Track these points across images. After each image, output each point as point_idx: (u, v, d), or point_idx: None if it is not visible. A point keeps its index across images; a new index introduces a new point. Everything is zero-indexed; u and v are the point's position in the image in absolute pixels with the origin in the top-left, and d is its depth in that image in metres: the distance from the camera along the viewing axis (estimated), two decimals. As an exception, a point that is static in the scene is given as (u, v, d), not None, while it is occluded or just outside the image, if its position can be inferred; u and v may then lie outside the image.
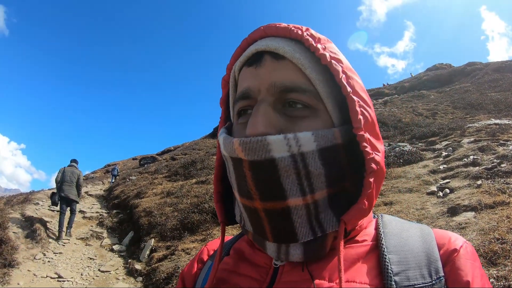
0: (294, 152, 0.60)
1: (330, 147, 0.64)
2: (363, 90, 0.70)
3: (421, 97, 24.91)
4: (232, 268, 0.77)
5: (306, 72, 0.66)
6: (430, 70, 39.69)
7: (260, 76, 0.67)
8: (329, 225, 0.65)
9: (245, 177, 0.62)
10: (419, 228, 0.74)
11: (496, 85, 22.67)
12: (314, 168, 0.62)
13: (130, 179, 17.96)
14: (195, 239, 8.46)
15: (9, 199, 13.69)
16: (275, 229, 0.64)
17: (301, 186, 0.61)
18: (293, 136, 0.60)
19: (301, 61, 0.66)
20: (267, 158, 0.59)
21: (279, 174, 0.60)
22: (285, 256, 0.67)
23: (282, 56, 0.67)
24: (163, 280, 6.72)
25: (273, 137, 0.59)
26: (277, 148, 0.59)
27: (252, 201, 0.64)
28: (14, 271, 7.56)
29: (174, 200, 11.38)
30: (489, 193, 5.75)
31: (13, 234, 9.11)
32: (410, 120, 16.62)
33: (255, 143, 0.59)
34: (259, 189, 0.62)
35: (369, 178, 0.64)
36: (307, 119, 0.65)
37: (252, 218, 0.67)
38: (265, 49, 0.69)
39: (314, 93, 0.66)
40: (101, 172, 32.19)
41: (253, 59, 0.70)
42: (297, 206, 0.62)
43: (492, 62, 30.55)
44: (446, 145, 10.29)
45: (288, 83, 0.65)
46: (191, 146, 31.00)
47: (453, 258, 0.65)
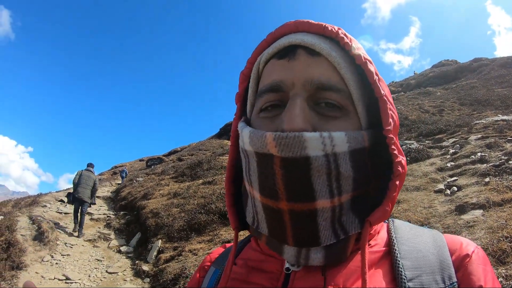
0: (328, 151, 0.58)
1: (359, 149, 0.63)
2: (390, 94, 0.69)
3: (427, 94, 24.77)
4: (241, 277, 0.74)
5: (341, 72, 0.65)
6: (436, 66, 39.49)
7: (294, 70, 0.65)
8: (352, 227, 0.64)
9: (273, 176, 0.59)
10: (430, 233, 0.73)
11: (503, 81, 22.51)
12: (344, 170, 0.61)
13: (137, 181, 18.01)
14: (202, 239, 8.47)
15: (17, 201, 13.80)
16: (298, 232, 0.62)
17: (330, 187, 0.60)
18: (328, 135, 0.58)
19: (337, 60, 0.65)
20: (302, 155, 0.57)
21: (311, 174, 0.58)
22: (304, 261, 0.64)
23: (317, 52, 0.65)
24: (170, 281, 6.74)
25: (309, 134, 0.57)
26: (312, 146, 0.57)
27: (277, 201, 0.61)
28: (22, 274, 7.62)
29: (181, 201, 11.41)
30: (497, 191, 5.69)
31: (21, 236, 9.17)
32: (417, 118, 16.55)
33: (292, 139, 0.57)
34: (288, 188, 0.59)
35: (395, 181, 0.64)
36: (339, 119, 0.64)
37: (272, 220, 0.64)
38: (300, 43, 0.67)
39: (347, 93, 0.65)
40: (108, 174, 32.34)
41: (286, 51, 0.68)
42: (324, 208, 0.60)
43: (499, 58, 30.33)
44: (453, 142, 10.22)
45: (324, 81, 0.63)
46: (197, 146, 31.07)
47: (465, 264, 0.65)
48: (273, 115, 0.67)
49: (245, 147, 0.66)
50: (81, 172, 11.59)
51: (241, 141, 0.68)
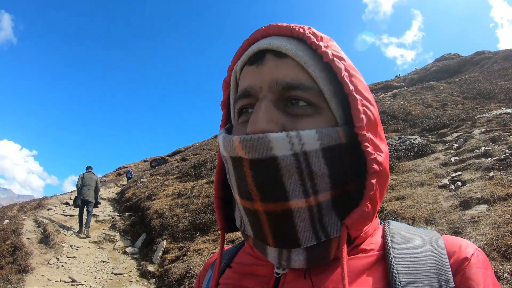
0: (296, 150, 0.57)
1: (334, 146, 0.61)
2: (366, 89, 0.68)
3: (430, 88, 24.69)
4: (233, 281, 0.75)
5: (309, 70, 0.64)
6: (438, 60, 39.35)
7: (262, 74, 0.65)
8: (333, 229, 0.62)
9: (245, 177, 0.60)
10: (428, 235, 0.71)
11: (506, 74, 22.41)
12: (317, 168, 0.59)
13: (141, 181, 18.04)
14: (207, 239, 8.49)
15: (22, 205, 13.87)
16: (276, 233, 0.62)
17: (304, 187, 0.59)
18: (296, 134, 0.58)
19: (304, 59, 0.64)
20: (269, 156, 0.57)
21: (281, 174, 0.57)
22: (286, 263, 0.63)
23: (284, 54, 0.65)
24: (175, 281, 6.76)
25: (275, 134, 0.57)
26: (279, 146, 0.57)
27: (253, 202, 0.61)
28: (28, 277, 7.66)
29: (185, 201, 11.43)
30: (502, 185, 5.66)
31: (26, 240, 9.22)
32: (420, 112, 16.49)
33: (256, 141, 0.57)
34: (260, 189, 0.59)
35: (371, 180, 0.61)
36: (310, 117, 0.63)
37: (252, 221, 0.64)
38: (267, 47, 0.67)
39: (317, 91, 0.64)
40: (113, 175, 32.43)
41: (255, 58, 0.69)
42: (299, 208, 0.59)
43: (501, 51, 30.19)
44: (457, 136, 10.18)
45: (290, 80, 0.63)
46: (201, 146, 31.10)
47: (464, 268, 0.63)
48: (247, 119, 0.68)
49: (222, 153, 0.67)
50: (82, 175, 12.16)
51: (220, 147, 0.69)
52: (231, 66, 0.77)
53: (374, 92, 30.90)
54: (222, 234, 0.80)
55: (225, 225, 0.78)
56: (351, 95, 0.63)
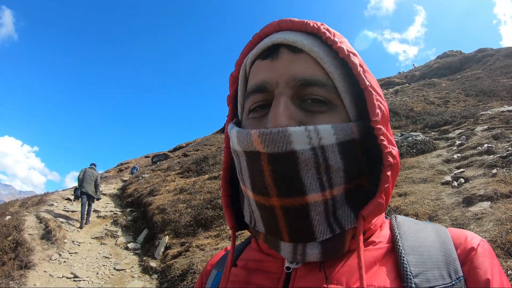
0: (314, 145, 0.58)
1: (348, 141, 0.63)
2: (378, 85, 0.69)
3: (432, 85, 24.66)
4: (241, 279, 0.74)
5: (324, 66, 0.64)
6: (440, 57, 39.28)
7: (278, 69, 0.65)
8: (347, 222, 0.63)
9: (262, 172, 0.60)
10: (434, 228, 0.73)
11: (508, 71, 22.34)
12: (333, 162, 0.60)
13: (143, 177, 18.04)
14: (209, 235, 8.51)
15: (24, 201, 13.88)
16: (292, 227, 0.62)
17: (320, 181, 0.60)
18: (314, 128, 0.59)
19: (320, 55, 0.65)
20: (288, 150, 0.57)
21: (299, 168, 0.58)
22: (301, 257, 0.63)
23: (299, 49, 0.66)
24: (178, 277, 6.78)
25: (294, 128, 0.57)
26: (298, 140, 0.57)
27: (269, 198, 0.61)
28: (30, 272, 7.69)
29: (187, 197, 11.44)
30: (505, 182, 5.66)
31: (28, 236, 9.25)
32: (422, 109, 16.47)
33: (276, 134, 0.57)
34: (278, 184, 0.59)
35: (386, 172, 0.63)
36: (326, 113, 0.64)
37: (266, 217, 0.64)
38: (282, 41, 0.67)
39: (333, 87, 0.65)
40: (114, 171, 32.42)
41: (269, 52, 0.68)
42: (316, 202, 0.60)
43: (503, 48, 30.11)
44: (460, 133, 10.17)
45: (308, 77, 0.63)
46: (202, 142, 31.08)
47: (471, 257, 0.64)
48: (261, 115, 0.68)
49: (234, 147, 0.67)
50: (85, 169, 12.89)
51: (231, 142, 0.69)
52: (240, 60, 0.77)
53: (376, 89, 30.85)
54: (233, 234, 0.79)
55: (235, 224, 0.78)
56: (367, 90, 0.64)
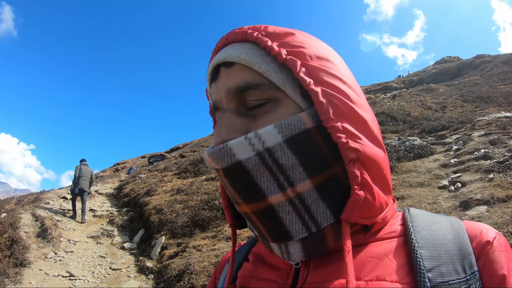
0: (259, 149, 0.59)
1: (299, 134, 0.60)
2: (335, 76, 0.65)
3: (429, 90, 24.72)
4: (251, 273, 0.76)
5: (255, 68, 0.63)
6: (438, 63, 39.39)
7: (219, 88, 0.67)
8: (323, 219, 0.62)
9: (226, 185, 0.64)
10: (448, 220, 0.70)
11: (505, 78, 22.44)
12: (285, 161, 0.59)
13: (139, 177, 17.99)
14: (206, 236, 8.49)
15: (20, 199, 13.81)
16: (268, 229, 0.64)
17: (277, 181, 0.60)
18: (254, 134, 0.59)
19: (248, 60, 0.64)
20: (233, 162, 0.59)
21: (252, 175, 0.60)
22: (287, 255, 0.65)
23: (232, 62, 0.66)
24: (174, 278, 6.75)
25: (234, 141, 0.59)
26: (240, 150, 0.59)
27: (240, 206, 0.64)
28: (26, 270, 7.65)
29: (184, 197, 11.40)
30: (502, 187, 5.68)
31: (24, 233, 9.20)
32: (419, 114, 16.52)
33: (219, 151, 0.60)
34: (239, 193, 0.62)
35: (350, 168, 0.59)
36: (270, 112, 0.63)
37: (250, 222, 0.68)
38: (218, 62, 0.68)
39: (268, 84, 0.63)
40: (111, 171, 32.31)
41: (213, 75, 0.71)
42: (280, 202, 0.60)
43: (501, 55, 30.25)
44: (457, 138, 10.20)
45: (239, 83, 0.64)
46: (199, 143, 31.01)
47: (486, 251, 0.62)
48: None
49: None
50: (80, 166, 13.26)
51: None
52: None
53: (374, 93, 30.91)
54: (232, 231, 0.80)
55: (235, 222, 0.79)
56: (310, 89, 0.61)
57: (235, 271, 0.81)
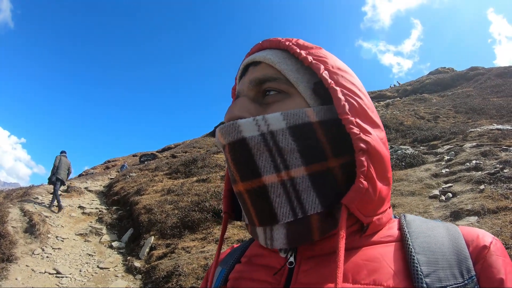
0: (263, 131, 0.65)
1: (301, 124, 0.66)
2: (352, 83, 0.72)
3: (423, 100, 24.90)
4: (244, 274, 0.76)
5: (275, 66, 0.72)
6: (432, 73, 39.73)
7: (243, 81, 0.77)
8: (311, 207, 0.64)
9: (228, 162, 0.69)
10: (444, 226, 0.72)
11: (498, 91, 22.67)
12: (285, 145, 0.65)
13: (130, 176, 17.91)
14: (196, 237, 8.46)
15: (8, 193, 13.68)
16: (257, 209, 0.67)
17: (274, 163, 0.64)
18: (262, 117, 0.66)
19: (271, 60, 0.73)
20: (239, 138, 0.66)
21: (253, 153, 0.65)
22: (270, 241, 0.67)
23: (259, 62, 0.76)
24: (162, 279, 6.71)
25: (243, 120, 0.67)
26: (247, 128, 0.65)
27: (237, 184, 0.68)
28: (12, 266, 7.56)
29: (174, 198, 11.35)
30: (492, 198, 5.74)
31: (12, 228, 9.11)
32: (412, 123, 16.63)
33: (228, 127, 0.67)
34: (238, 169, 0.67)
35: (359, 157, 0.63)
36: (279, 102, 0.70)
37: (242, 205, 0.71)
38: (248, 62, 0.79)
39: (284, 80, 0.71)
40: (101, 168, 32.15)
41: (242, 72, 0.81)
42: (273, 183, 0.64)
43: (495, 68, 30.59)
44: (448, 149, 10.28)
45: (260, 76, 0.73)
46: (191, 144, 30.98)
47: (483, 256, 0.63)
48: None
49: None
50: (60, 157, 13.86)
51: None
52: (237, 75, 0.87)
53: (367, 101, 31.05)
54: (224, 218, 0.85)
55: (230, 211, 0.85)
56: (331, 87, 0.68)
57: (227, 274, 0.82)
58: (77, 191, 15.69)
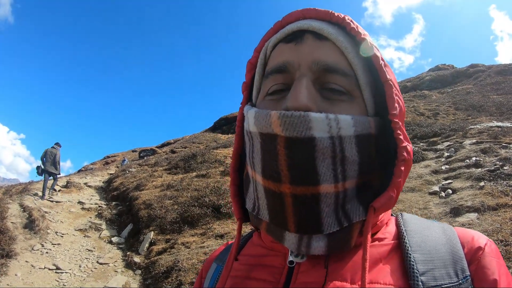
0: (333, 134, 0.57)
1: (366, 135, 0.62)
2: (396, 81, 0.69)
3: (423, 97, 24.91)
4: (242, 273, 0.73)
5: (348, 57, 0.64)
6: (432, 70, 39.73)
7: (301, 52, 0.64)
8: (356, 215, 0.62)
9: (277, 156, 0.58)
10: (440, 226, 0.72)
11: (498, 88, 22.68)
12: (350, 154, 0.59)
13: (129, 171, 17.91)
14: (195, 232, 8.47)
15: (8, 188, 13.68)
16: (300, 217, 0.60)
17: (335, 172, 0.58)
18: (335, 117, 0.58)
19: (345, 44, 0.64)
20: (307, 136, 0.56)
21: (316, 156, 0.57)
22: (306, 249, 0.61)
23: (325, 37, 0.65)
24: (162, 274, 6.71)
25: (315, 114, 0.56)
26: (318, 126, 0.56)
27: (280, 184, 0.59)
28: (12, 262, 7.56)
29: (174, 193, 11.36)
30: (492, 195, 5.74)
31: (11, 224, 9.11)
32: (412, 120, 16.63)
33: (297, 118, 0.56)
34: (292, 170, 0.57)
35: (400, 167, 0.62)
36: (345, 103, 0.63)
37: (273, 205, 0.62)
38: (307, 28, 0.66)
39: (354, 78, 0.64)
40: (100, 164, 32.15)
41: (294, 36, 0.67)
42: (328, 193, 0.59)
43: (495, 65, 30.59)
44: (448, 145, 10.29)
45: (331, 63, 0.63)
46: (191, 139, 30.99)
47: (478, 257, 0.64)
48: (279, 98, 0.67)
49: (250, 129, 0.65)
50: (46, 150, 14.32)
51: (246, 123, 0.67)
52: (259, 46, 0.76)
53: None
54: (239, 224, 0.78)
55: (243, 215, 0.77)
56: (387, 83, 0.64)
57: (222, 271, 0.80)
58: (76, 187, 15.70)
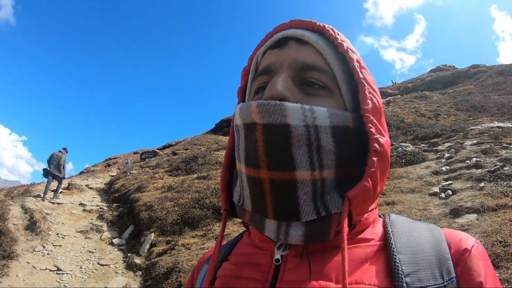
0: (308, 123, 0.61)
1: (342, 127, 0.65)
2: (374, 82, 0.73)
3: (424, 98, 24.86)
4: (231, 272, 0.75)
5: (326, 57, 0.70)
6: (433, 71, 39.68)
7: (284, 54, 0.71)
8: (334, 206, 0.63)
9: (255, 143, 0.61)
10: (428, 227, 0.73)
11: (499, 88, 22.61)
12: (325, 144, 0.62)
13: (131, 173, 17.93)
14: (196, 234, 8.48)
15: (9, 190, 13.72)
16: (278, 203, 0.62)
17: (311, 159, 0.61)
18: (310, 108, 0.62)
19: (323, 47, 0.70)
20: (282, 122, 0.59)
21: (291, 142, 0.60)
22: (284, 237, 0.63)
23: (306, 42, 0.71)
24: (162, 275, 6.72)
25: (290, 103, 0.61)
26: (293, 114, 0.60)
27: (259, 169, 0.62)
28: (13, 263, 7.58)
29: (175, 195, 11.37)
30: (492, 196, 5.72)
31: (12, 225, 9.13)
32: (413, 121, 16.59)
33: (272, 106, 0.60)
34: (268, 155, 0.60)
35: (372, 157, 0.64)
36: (322, 98, 0.68)
37: (254, 192, 0.65)
38: (291, 35, 0.73)
39: (331, 75, 0.69)
40: (102, 166, 32.17)
41: (279, 43, 0.74)
42: (304, 180, 0.61)
43: (496, 65, 30.50)
44: (449, 146, 10.25)
45: (309, 62, 0.69)
46: (192, 141, 30.99)
47: (464, 258, 0.64)
48: (262, 95, 0.72)
49: (236, 122, 0.69)
50: (52, 153, 14.59)
51: (234, 118, 0.72)
52: (252, 55, 0.82)
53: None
54: (224, 216, 0.81)
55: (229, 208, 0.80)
56: (360, 81, 0.68)
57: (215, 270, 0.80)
58: (78, 189, 15.73)
